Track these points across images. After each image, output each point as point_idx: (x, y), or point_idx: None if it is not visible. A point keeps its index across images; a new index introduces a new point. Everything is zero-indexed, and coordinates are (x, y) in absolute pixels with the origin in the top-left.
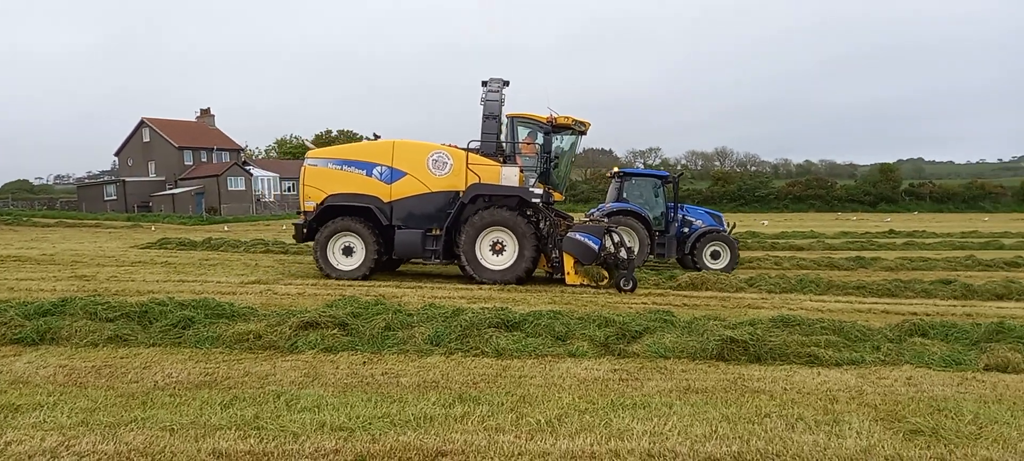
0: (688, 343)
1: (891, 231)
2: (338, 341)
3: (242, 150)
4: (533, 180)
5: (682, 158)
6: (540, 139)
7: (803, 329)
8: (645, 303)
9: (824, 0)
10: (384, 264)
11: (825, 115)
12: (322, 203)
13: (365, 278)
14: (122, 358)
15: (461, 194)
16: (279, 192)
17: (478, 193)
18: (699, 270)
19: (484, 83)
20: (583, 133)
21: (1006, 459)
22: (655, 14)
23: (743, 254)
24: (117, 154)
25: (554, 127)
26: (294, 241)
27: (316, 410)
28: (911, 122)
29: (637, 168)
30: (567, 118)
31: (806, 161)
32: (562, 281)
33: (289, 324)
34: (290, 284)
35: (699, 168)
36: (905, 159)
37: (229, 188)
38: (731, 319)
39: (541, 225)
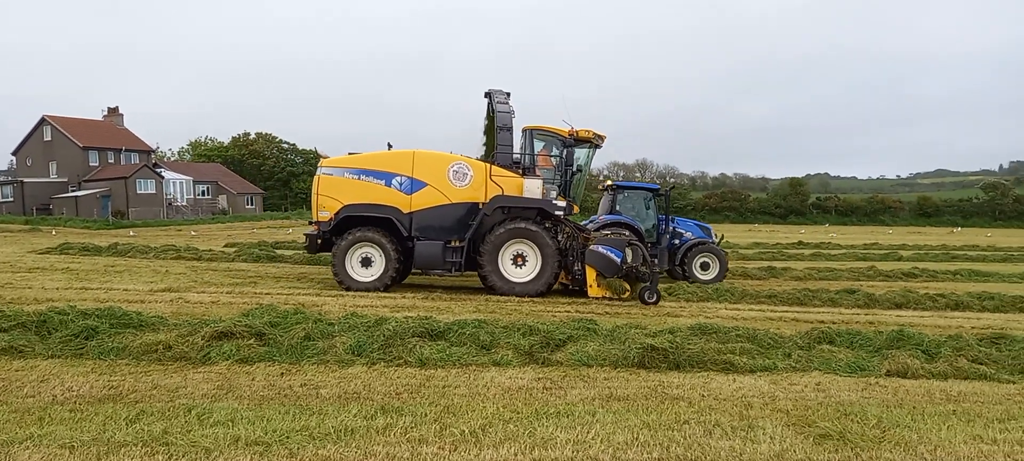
0: (610, 351)
1: (800, 242)
2: (254, 351)
3: (153, 151)
4: (554, 193)
5: (604, 168)
6: (556, 152)
7: (719, 337)
8: (569, 312)
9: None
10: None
11: (739, 128)
12: (338, 213)
13: (386, 289)
14: (17, 371)
15: (481, 205)
16: (192, 196)
17: (501, 205)
18: (690, 281)
19: (487, 95)
20: (599, 146)
21: (905, 460)
22: (576, 33)
23: None
24: (15, 153)
25: (576, 140)
26: (306, 252)
27: (230, 424)
28: (817, 137)
29: (629, 181)
30: (588, 131)
31: (721, 174)
32: (583, 294)
33: (202, 334)
34: (203, 292)
35: (621, 178)
36: (813, 174)
37: (138, 191)
38: (652, 327)
39: (560, 238)
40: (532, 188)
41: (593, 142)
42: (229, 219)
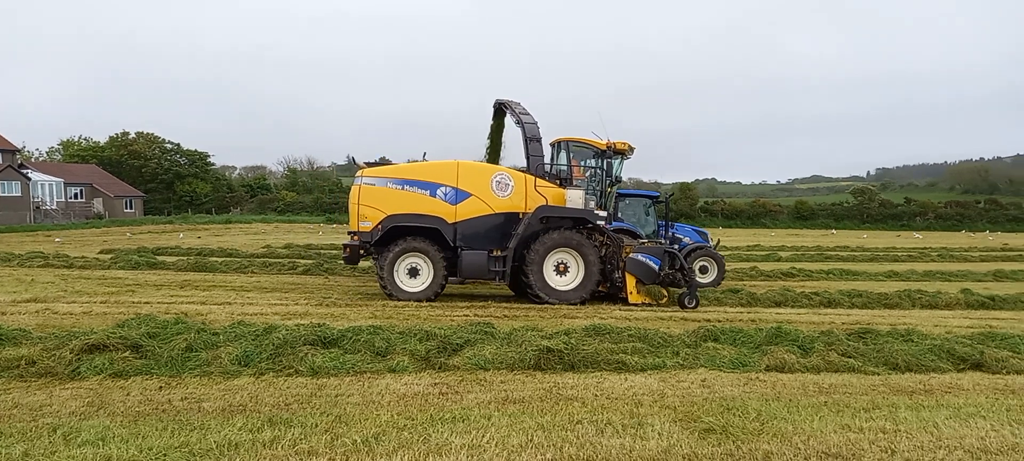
0: (507, 354)
1: None
2: (130, 365)
3: (17, 151)
4: (593, 203)
5: None
6: (592, 162)
7: (612, 337)
8: (467, 316)
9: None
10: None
11: (634, 139)
12: (382, 223)
13: (433, 299)
14: None
15: (521, 215)
16: (63, 199)
17: (545, 215)
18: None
19: (501, 107)
20: (628, 157)
21: (783, 451)
22: (471, 49)
23: None
24: None
25: (614, 151)
26: (344, 263)
27: (100, 443)
28: (705, 146)
29: (630, 189)
30: (624, 143)
31: (616, 178)
32: (623, 301)
33: (70, 347)
34: (73, 302)
35: None
36: (702, 179)
37: (1, 194)
38: (548, 329)
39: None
40: (575, 198)
41: (625, 153)
42: (105, 224)
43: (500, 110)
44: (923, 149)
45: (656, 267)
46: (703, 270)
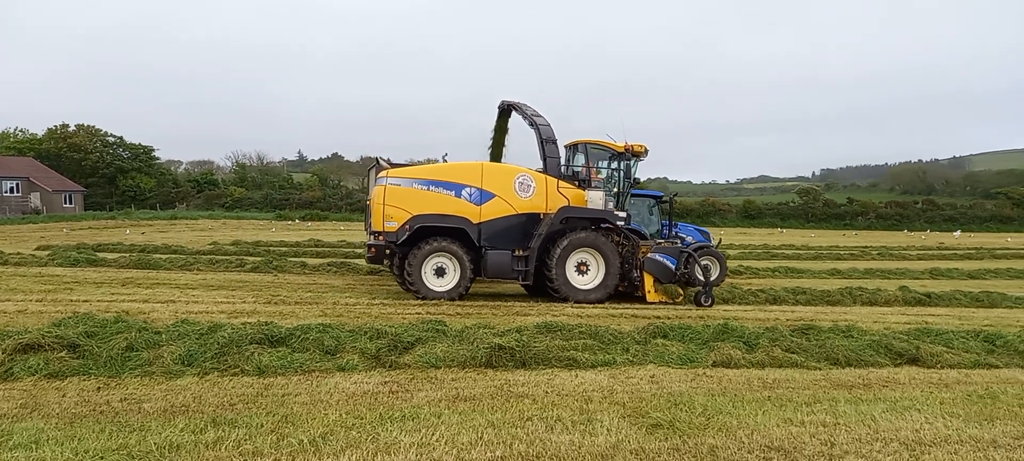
0: (459, 352)
1: None
2: (66, 365)
3: None
4: (612, 204)
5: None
6: (612, 165)
7: (564, 334)
8: (419, 313)
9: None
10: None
11: (589, 130)
12: (407, 223)
13: (460, 298)
14: None
15: (542, 215)
16: None
17: (568, 216)
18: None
19: (510, 107)
20: (643, 159)
21: (727, 445)
22: (432, 47)
23: None
24: None
25: (632, 154)
26: (367, 261)
27: (33, 446)
28: (656, 145)
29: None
30: (641, 146)
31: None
32: (640, 299)
33: (3, 347)
34: (7, 301)
35: None
36: (653, 177)
37: None
38: (500, 327)
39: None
40: (595, 200)
41: (640, 155)
42: (43, 219)
43: (506, 111)
44: (865, 150)
45: (672, 267)
46: (705, 269)
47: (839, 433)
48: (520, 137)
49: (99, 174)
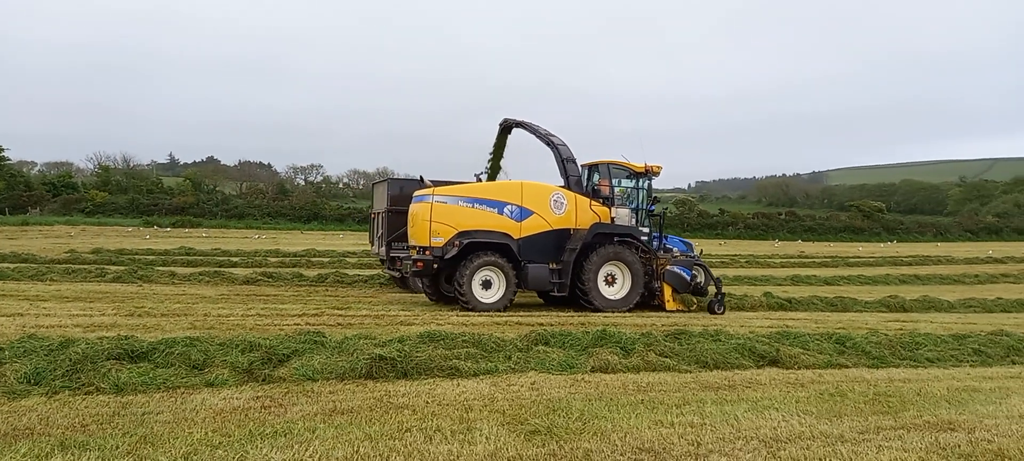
0: (338, 363)
1: None
2: None
3: None
4: (635, 220)
5: (344, 176)
6: (634, 184)
7: (446, 343)
8: (298, 324)
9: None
10: None
11: (475, 143)
12: (457, 238)
13: (505, 309)
14: None
15: (572, 231)
16: None
17: (600, 231)
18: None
19: (511, 124)
20: (657, 176)
21: (602, 448)
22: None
23: None
24: None
25: (651, 173)
26: (417, 278)
27: None
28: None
29: None
30: (657, 167)
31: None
32: (659, 307)
33: None
34: None
35: (361, 187)
36: None
37: None
38: (382, 337)
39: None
40: (623, 216)
41: (657, 174)
42: None
43: (507, 128)
44: (735, 165)
45: (688, 278)
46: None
47: (705, 433)
48: (511, 154)
49: None
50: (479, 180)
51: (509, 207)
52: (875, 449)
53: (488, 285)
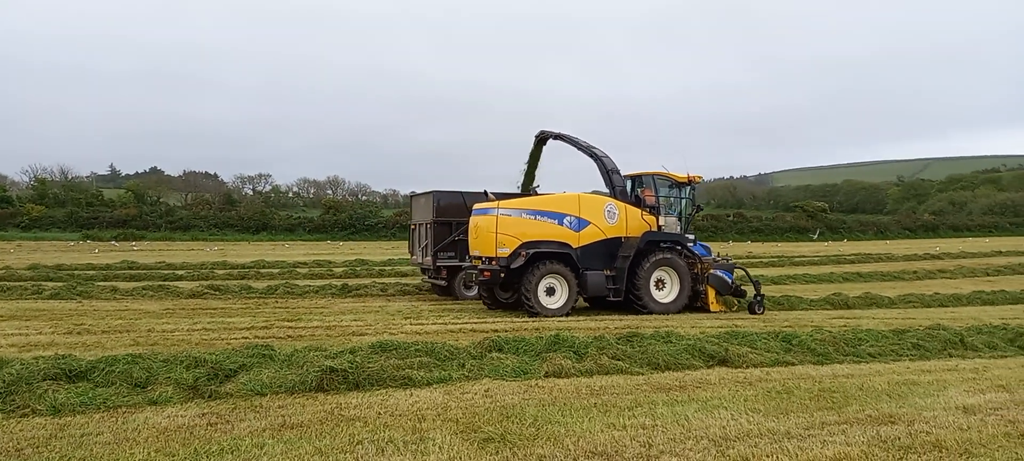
0: (287, 377)
1: None
2: None
3: None
4: (679, 228)
5: (294, 185)
6: (677, 194)
7: (399, 353)
8: (246, 337)
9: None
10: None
11: (419, 151)
12: (522, 248)
13: (567, 315)
14: None
15: (623, 239)
16: None
17: (652, 239)
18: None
19: (547, 136)
20: (697, 186)
21: (555, 453)
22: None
23: (351, 282)
24: None
25: (693, 183)
26: (482, 287)
27: None
28: (483, 161)
29: None
30: (698, 176)
31: (411, 192)
32: (702, 309)
33: None
34: None
35: (311, 196)
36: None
37: None
38: (332, 348)
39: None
40: (671, 225)
41: (698, 183)
42: None
43: (543, 140)
44: (679, 167)
45: (729, 280)
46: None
47: (657, 434)
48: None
49: None
50: (536, 194)
51: (568, 218)
52: (820, 444)
53: (552, 292)
